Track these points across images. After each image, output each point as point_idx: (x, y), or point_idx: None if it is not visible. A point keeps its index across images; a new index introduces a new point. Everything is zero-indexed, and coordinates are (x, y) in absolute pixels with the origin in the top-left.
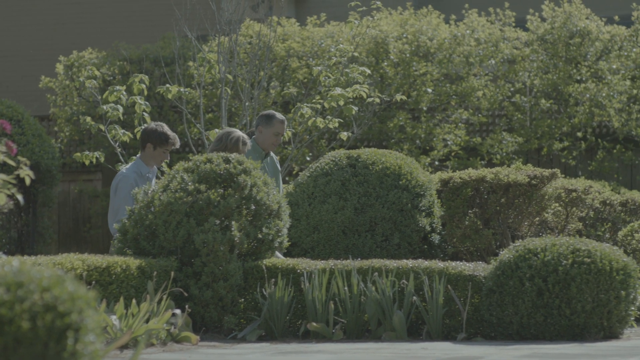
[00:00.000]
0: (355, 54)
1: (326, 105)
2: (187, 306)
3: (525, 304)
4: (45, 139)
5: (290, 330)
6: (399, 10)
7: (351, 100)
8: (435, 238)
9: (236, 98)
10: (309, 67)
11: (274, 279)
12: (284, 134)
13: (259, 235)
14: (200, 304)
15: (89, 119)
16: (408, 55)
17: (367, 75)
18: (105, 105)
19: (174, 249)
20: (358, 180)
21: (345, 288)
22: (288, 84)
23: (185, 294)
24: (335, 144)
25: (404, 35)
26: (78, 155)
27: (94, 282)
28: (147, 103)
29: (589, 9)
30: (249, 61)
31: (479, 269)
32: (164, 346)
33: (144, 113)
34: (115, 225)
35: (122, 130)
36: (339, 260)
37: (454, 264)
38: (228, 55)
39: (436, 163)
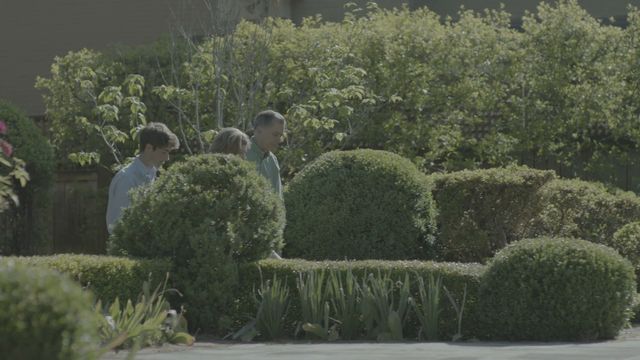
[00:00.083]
0: (351, 54)
1: (322, 106)
2: (183, 307)
3: (520, 304)
4: (41, 139)
5: (285, 331)
6: (394, 11)
7: (347, 101)
8: (431, 239)
9: (232, 99)
10: (304, 68)
11: (269, 280)
12: (283, 133)
13: (255, 236)
14: (195, 305)
15: (84, 120)
16: (404, 56)
17: (363, 76)
18: (100, 106)
19: (170, 250)
20: (353, 181)
21: (341, 289)
22: (284, 84)
23: (181, 295)
24: (330, 145)
25: (400, 36)
26: (73, 155)
27: (89, 283)
28: (143, 104)
29: (585, 10)
30: (244, 62)
31: (475, 269)
32: (159, 347)
33: (140, 114)
34: (111, 225)
35: (118, 131)
36: (335, 261)
37: (449, 264)
38: (224, 56)
39: (432, 164)
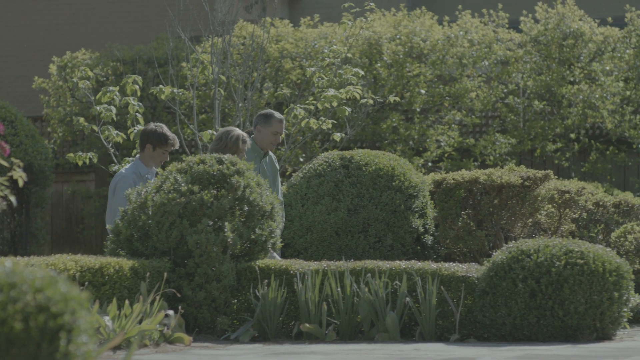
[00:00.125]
0: (349, 55)
1: (319, 106)
2: (180, 307)
3: (518, 305)
4: (39, 139)
5: (283, 331)
6: (392, 12)
7: (344, 101)
8: (429, 239)
9: (229, 99)
10: (302, 68)
11: (267, 280)
12: (282, 133)
13: (252, 236)
14: (193, 305)
15: (82, 120)
16: (401, 56)
17: (361, 76)
18: (98, 106)
19: (167, 250)
20: (351, 181)
21: (339, 289)
22: (281, 85)
23: (178, 295)
24: (328, 145)
25: (398, 37)
26: (71, 155)
27: (87, 283)
28: (140, 104)
29: (582, 11)
30: (242, 62)
31: (472, 270)
32: (157, 347)
33: (137, 114)
34: (108, 226)
35: (116, 131)
36: (332, 261)
37: (447, 265)
38: (221, 56)
39: (429, 164)
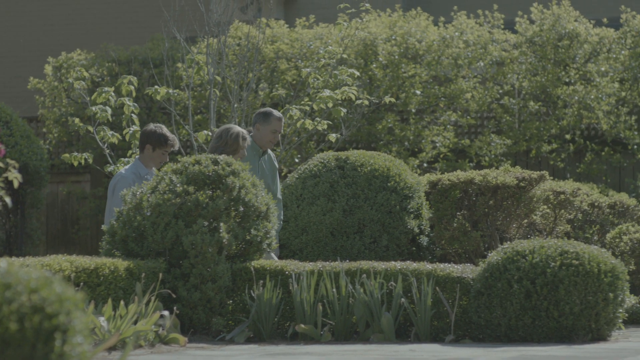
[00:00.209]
0: (344, 55)
1: (315, 107)
2: (175, 308)
3: (513, 306)
4: (34, 140)
5: (278, 332)
6: (387, 12)
7: (340, 102)
8: (424, 240)
9: (225, 99)
10: (297, 69)
11: (262, 281)
12: (281, 131)
13: (248, 237)
14: (188, 306)
15: (77, 120)
16: (397, 57)
17: (356, 77)
18: (93, 107)
19: (163, 251)
20: (346, 182)
21: (334, 290)
22: (277, 85)
23: (174, 296)
24: (323, 146)
25: (393, 37)
26: (67, 156)
27: (82, 284)
28: (136, 104)
29: (578, 12)
30: (237, 63)
31: (467, 271)
32: (152, 348)
33: (133, 114)
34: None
35: (111, 132)
36: (328, 262)
37: (442, 265)
38: (217, 57)
39: (425, 165)
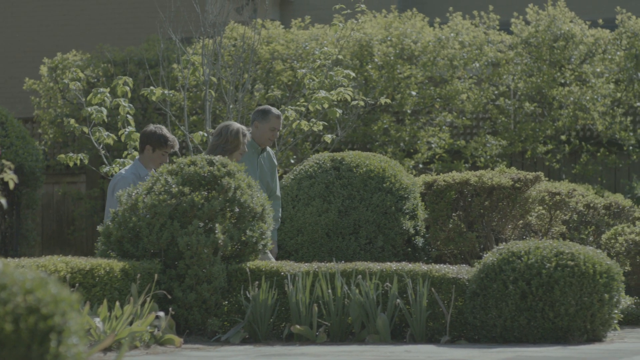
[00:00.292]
0: (340, 56)
1: (310, 108)
2: (171, 309)
3: (508, 307)
4: (29, 141)
5: (274, 333)
6: (383, 13)
7: (335, 103)
8: (419, 241)
9: (220, 100)
10: (293, 70)
11: (257, 282)
12: (280, 128)
13: (243, 238)
14: (183, 307)
15: (72, 121)
16: (392, 58)
17: (352, 78)
18: (89, 108)
19: (158, 252)
20: (342, 183)
21: (329, 291)
22: (272, 86)
23: (169, 297)
24: (319, 147)
25: (388, 38)
26: (62, 156)
27: (77, 285)
28: (131, 105)
29: (573, 12)
30: (233, 64)
31: (463, 272)
32: (148, 348)
33: (128, 115)
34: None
35: (106, 133)
36: (323, 263)
37: (437, 266)
38: (212, 58)
39: (420, 166)
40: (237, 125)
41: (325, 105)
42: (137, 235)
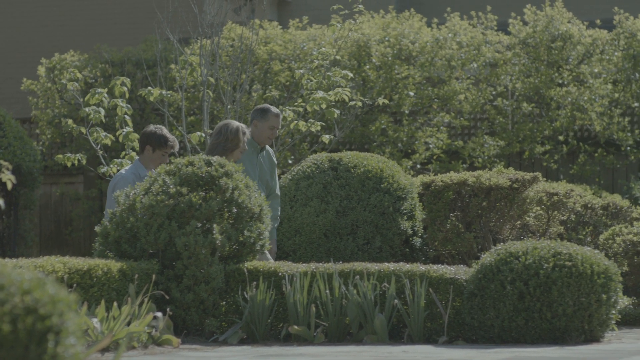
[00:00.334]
0: (338, 57)
1: (308, 108)
2: (169, 309)
3: (506, 307)
4: (27, 141)
5: (271, 333)
6: (381, 14)
7: (333, 103)
8: (417, 241)
9: (218, 101)
10: (291, 70)
11: (255, 282)
12: (279, 127)
13: (241, 238)
14: (181, 307)
15: (70, 122)
16: (390, 58)
17: (349, 78)
18: (87, 108)
19: (156, 252)
20: (340, 183)
21: (327, 291)
22: (270, 87)
23: (167, 297)
24: (317, 147)
25: (386, 39)
26: (60, 157)
27: (75, 285)
28: (129, 106)
29: (571, 13)
30: (231, 64)
31: (461, 272)
32: (145, 349)
33: (126, 116)
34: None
35: (104, 133)
36: (321, 263)
37: (435, 267)
38: (210, 58)
39: (418, 166)
40: (237, 123)
41: (323, 106)
42: (135, 236)
